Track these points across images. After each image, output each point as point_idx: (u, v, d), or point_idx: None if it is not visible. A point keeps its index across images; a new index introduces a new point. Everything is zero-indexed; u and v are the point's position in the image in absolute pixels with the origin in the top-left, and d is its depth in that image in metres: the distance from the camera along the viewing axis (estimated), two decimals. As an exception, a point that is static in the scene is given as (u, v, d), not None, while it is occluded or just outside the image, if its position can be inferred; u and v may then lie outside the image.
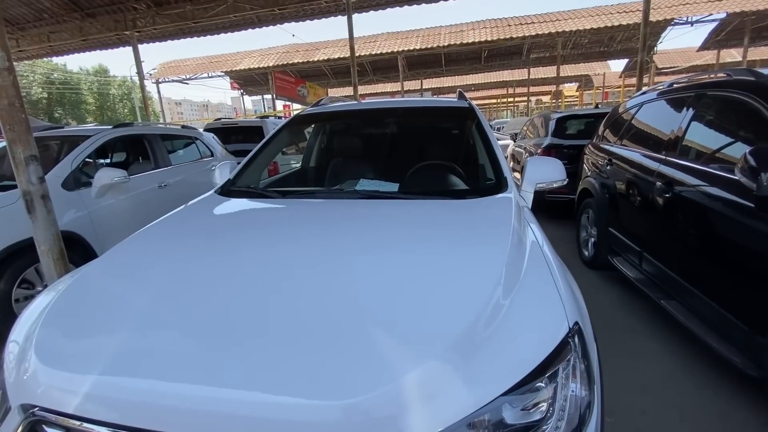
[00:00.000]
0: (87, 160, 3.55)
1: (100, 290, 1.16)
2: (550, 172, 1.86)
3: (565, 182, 1.92)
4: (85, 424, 0.79)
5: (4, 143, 3.88)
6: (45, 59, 32.47)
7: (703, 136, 2.42)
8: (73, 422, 0.80)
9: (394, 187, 1.82)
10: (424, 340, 0.84)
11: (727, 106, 2.29)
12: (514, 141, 8.62)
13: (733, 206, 1.89)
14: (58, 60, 40.85)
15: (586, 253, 3.80)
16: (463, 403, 0.75)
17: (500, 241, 1.18)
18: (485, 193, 1.67)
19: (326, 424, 0.71)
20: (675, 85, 3.01)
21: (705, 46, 20.77)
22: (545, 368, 0.81)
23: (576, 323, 0.92)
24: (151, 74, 21.69)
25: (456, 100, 2.46)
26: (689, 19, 16.08)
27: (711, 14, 15.86)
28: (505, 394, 0.76)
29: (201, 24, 12.34)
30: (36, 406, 0.84)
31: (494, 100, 42.04)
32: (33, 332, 1.00)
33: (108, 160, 4.88)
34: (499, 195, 1.62)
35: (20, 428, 0.84)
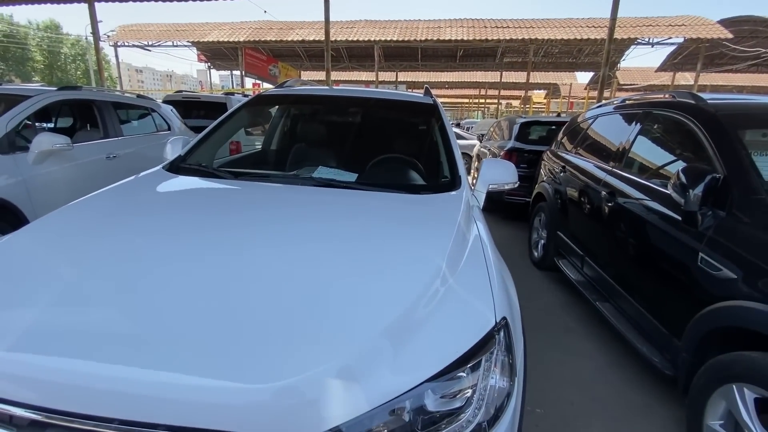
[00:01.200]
0: (27, 122, 3.27)
1: (19, 262, 1.08)
2: (502, 174, 1.93)
3: (516, 185, 2.00)
4: None
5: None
6: (-14, 7, 29.29)
7: (646, 151, 2.59)
8: None
9: (352, 177, 1.82)
10: (354, 326, 0.86)
11: (669, 125, 2.46)
12: (481, 141, 8.83)
13: (663, 218, 2.05)
14: (3, 10, 37.00)
15: (536, 254, 3.98)
16: (387, 387, 0.77)
17: (442, 237, 1.21)
18: (439, 189, 1.71)
19: (248, 407, 0.71)
20: (627, 102, 3.20)
21: (663, 67, 22.16)
22: (468, 359, 0.84)
23: (503, 318, 0.96)
24: (109, 36, 20.19)
25: (422, 96, 2.48)
26: (651, 40, 17.06)
27: (670, 37, 16.92)
28: (428, 381, 0.79)
29: (168, -12, 11.60)
30: None
31: (466, 100, 42.77)
32: None
33: (51, 125, 4.52)
34: (452, 193, 1.66)
35: None
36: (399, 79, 27.96)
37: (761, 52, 17.58)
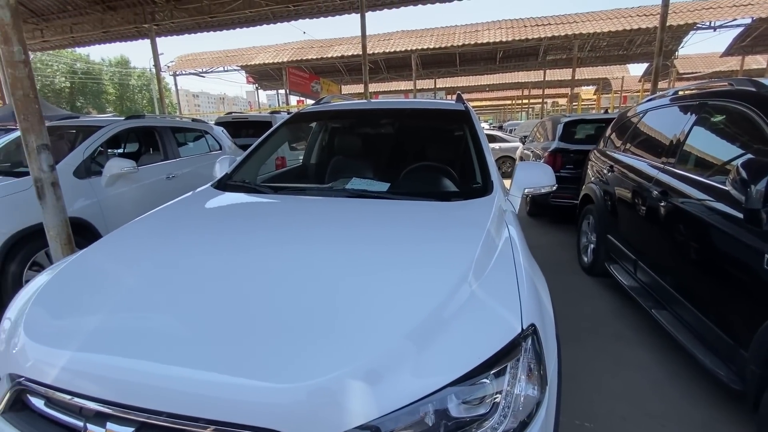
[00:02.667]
0: (99, 149, 3.67)
1: (90, 273, 1.24)
2: (539, 178, 1.88)
3: (555, 188, 1.93)
4: (61, 395, 0.87)
5: (16, 134, 4.05)
6: (68, 49, 33.30)
7: (702, 145, 2.40)
8: (53, 392, 0.88)
9: (384, 186, 1.86)
10: (378, 329, 0.89)
11: (727, 116, 2.26)
12: (524, 144, 8.57)
13: (723, 217, 1.89)
14: (81, 50, 41.88)
15: (585, 259, 3.78)
16: (409, 390, 0.79)
17: (470, 242, 1.22)
18: (470, 196, 1.71)
19: (278, 405, 0.77)
20: (680, 93, 2.98)
21: (729, 51, 20.20)
22: (492, 365, 0.84)
23: (532, 325, 0.95)
24: (168, 67, 22.07)
25: (453, 102, 2.49)
26: (712, 24, 15.66)
27: (735, 19, 15.42)
28: (451, 385, 0.81)
29: (217, 19, 12.52)
30: (22, 377, 0.91)
31: (509, 102, 41.60)
32: (24, 309, 1.08)
33: (120, 150, 5.03)
34: (483, 198, 1.65)
35: (7, 395, 0.93)
36: (437, 86, 27.87)
37: None
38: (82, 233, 3.22)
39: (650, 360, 2.36)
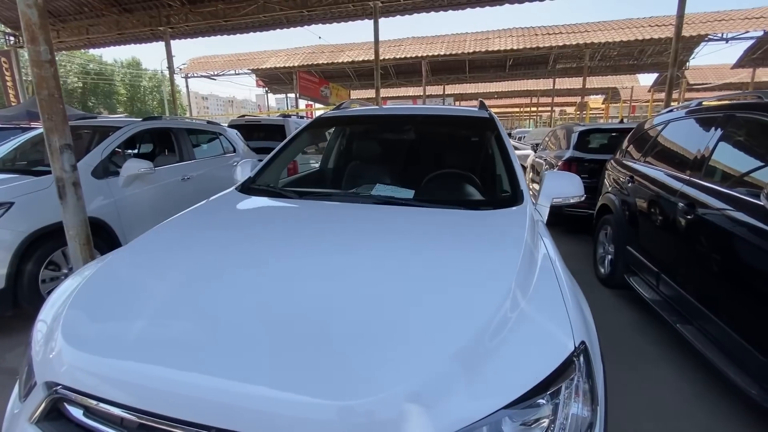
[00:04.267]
0: (116, 150, 3.69)
1: (124, 278, 1.21)
2: (567, 187, 1.85)
3: (583, 198, 1.90)
4: (103, 405, 0.84)
5: (34, 132, 4.08)
6: (82, 50, 33.82)
7: (730, 159, 2.36)
8: (92, 402, 0.85)
9: (409, 193, 1.84)
10: (428, 348, 0.85)
11: (757, 128, 2.22)
12: (535, 152, 8.52)
13: (754, 231, 1.84)
14: (94, 51, 42.54)
15: (602, 270, 3.73)
16: (463, 413, 0.76)
17: (511, 255, 1.18)
18: (500, 205, 1.68)
19: (325, 423, 0.74)
20: (704, 104, 2.94)
21: (740, 63, 20.06)
22: (548, 385, 0.81)
23: (582, 342, 0.92)
24: (180, 69, 22.31)
25: (476, 109, 2.47)
26: (724, 36, 15.59)
27: (747, 32, 15.35)
28: (506, 407, 0.77)
29: (231, 22, 12.65)
30: (59, 384, 0.89)
31: (517, 109, 41.57)
32: (61, 313, 1.05)
33: (136, 151, 5.06)
34: (514, 208, 1.62)
35: (43, 404, 0.89)
36: (446, 92, 27.91)
37: None
38: (98, 233, 3.22)
39: (675, 377, 2.31)
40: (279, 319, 0.95)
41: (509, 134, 21.03)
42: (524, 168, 9.63)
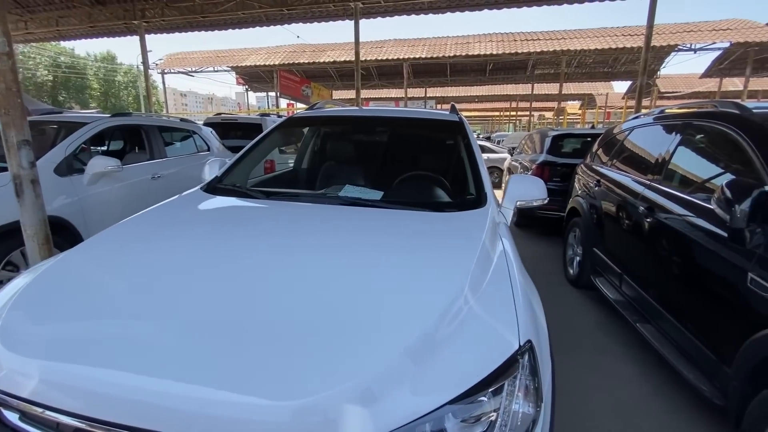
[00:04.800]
0: (83, 146, 3.56)
1: (72, 278, 1.18)
2: (531, 191, 1.89)
3: (546, 201, 1.95)
4: (38, 409, 0.81)
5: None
6: (53, 43, 32.52)
7: (687, 164, 2.47)
8: (30, 407, 0.82)
9: (377, 195, 1.85)
10: (374, 346, 0.87)
11: (711, 136, 2.33)
12: (512, 155, 8.69)
13: (708, 235, 1.93)
14: (66, 44, 40.94)
15: (571, 271, 3.83)
16: (407, 409, 0.77)
17: (466, 256, 1.21)
18: (464, 207, 1.71)
19: (270, 424, 0.74)
20: (666, 112, 3.07)
21: (708, 73, 20.99)
22: (490, 382, 0.83)
23: (528, 341, 0.94)
24: (157, 65, 21.72)
25: (447, 113, 2.50)
26: (693, 47, 16.28)
27: (714, 43, 16.07)
28: (449, 403, 0.79)
29: (209, 18, 12.40)
30: None
31: (497, 113, 42.26)
32: (0, 315, 1.01)
33: (104, 148, 4.90)
34: (477, 210, 1.65)
35: None
36: (428, 95, 28.14)
37: (820, 53, 16.33)
38: (61, 233, 3.10)
39: (635, 374, 2.39)
40: (226, 319, 0.94)
41: (488, 138, 21.38)
42: (501, 171, 9.82)
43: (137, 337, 0.91)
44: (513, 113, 38.32)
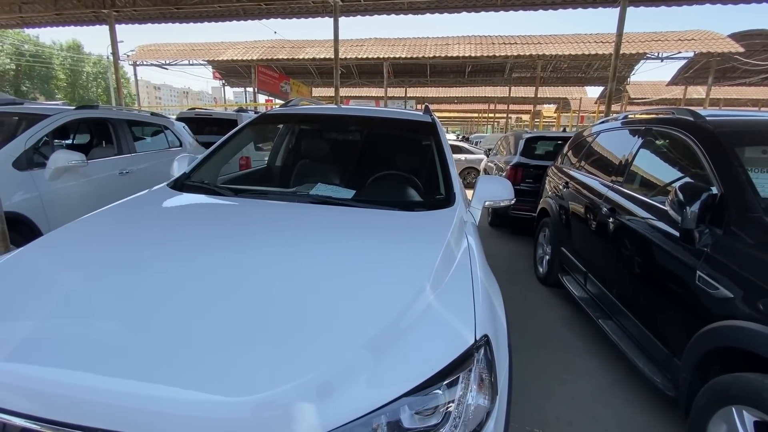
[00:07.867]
0: (45, 139, 3.41)
1: (25, 275, 1.14)
2: (498, 191, 1.95)
3: (513, 201, 2.01)
4: None
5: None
6: (16, 30, 30.84)
7: (646, 168, 2.59)
8: None
9: (349, 194, 1.86)
10: (333, 340, 0.88)
11: (668, 141, 2.46)
12: (488, 156, 8.86)
13: (663, 235, 2.04)
14: (30, 32, 38.88)
15: (541, 270, 3.95)
16: (362, 402, 0.79)
17: (430, 254, 1.24)
18: (432, 206, 1.74)
19: (227, 420, 0.74)
20: (629, 117, 3.21)
21: (674, 81, 21.97)
22: (445, 375, 0.86)
23: (485, 336, 0.98)
24: (128, 56, 20.94)
25: (421, 113, 2.53)
26: (660, 55, 17.00)
27: (680, 52, 16.83)
28: (404, 396, 0.81)
29: (184, 10, 12.05)
30: None
31: (476, 115, 42.90)
32: None
33: (69, 142, 4.70)
34: (445, 209, 1.68)
35: None
36: (408, 95, 28.27)
37: (774, 65, 17.35)
38: (20, 229, 2.97)
39: (597, 368, 2.49)
40: (182, 317, 0.94)
41: (467, 138, 21.65)
42: (477, 171, 10.00)
43: (91, 336, 0.89)
44: (491, 115, 38.98)
